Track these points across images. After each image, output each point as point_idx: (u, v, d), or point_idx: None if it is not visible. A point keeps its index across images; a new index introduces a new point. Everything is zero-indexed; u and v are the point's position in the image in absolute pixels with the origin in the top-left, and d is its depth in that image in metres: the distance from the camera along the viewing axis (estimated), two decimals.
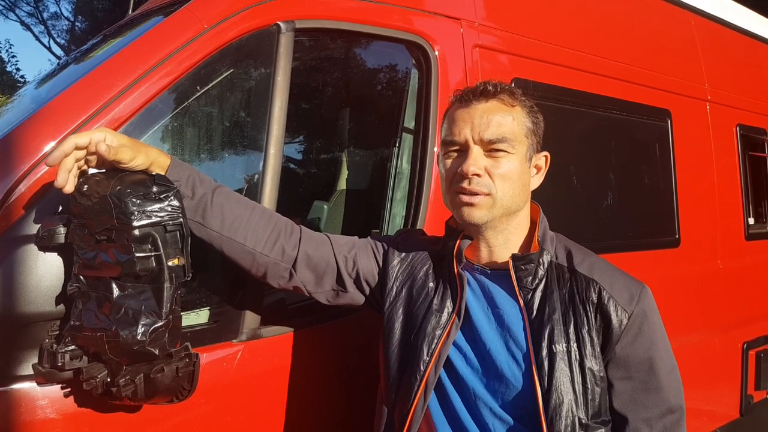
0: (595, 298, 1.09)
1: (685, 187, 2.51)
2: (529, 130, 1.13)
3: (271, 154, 1.40)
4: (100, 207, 0.98)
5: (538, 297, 1.10)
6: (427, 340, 1.12)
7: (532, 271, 1.11)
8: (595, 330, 1.07)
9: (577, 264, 1.13)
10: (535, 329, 1.07)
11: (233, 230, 1.17)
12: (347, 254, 1.26)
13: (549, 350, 1.05)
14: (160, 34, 1.36)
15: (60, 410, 1.10)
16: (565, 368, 1.04)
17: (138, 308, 0.98)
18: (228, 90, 1.45)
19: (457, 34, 1.81)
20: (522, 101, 1.13)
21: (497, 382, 1.08)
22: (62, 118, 1.19)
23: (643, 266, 2.28)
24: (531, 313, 1.09)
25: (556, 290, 1.10)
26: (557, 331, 1.06)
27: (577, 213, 2.12)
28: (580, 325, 1.07)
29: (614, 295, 1.08)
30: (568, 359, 1.05)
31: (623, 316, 1.07)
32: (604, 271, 1.13)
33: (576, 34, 2.21)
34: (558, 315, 1.08)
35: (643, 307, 1.09)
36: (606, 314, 1.08)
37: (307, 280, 1.25)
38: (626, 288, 1.10)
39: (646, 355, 1.08)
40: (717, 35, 2.96)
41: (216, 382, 1.28)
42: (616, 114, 2.28)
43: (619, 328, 1.07)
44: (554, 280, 1.12)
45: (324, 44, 1.74)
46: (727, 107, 2.83)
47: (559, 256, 1.16)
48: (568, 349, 1.05)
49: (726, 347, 2.66)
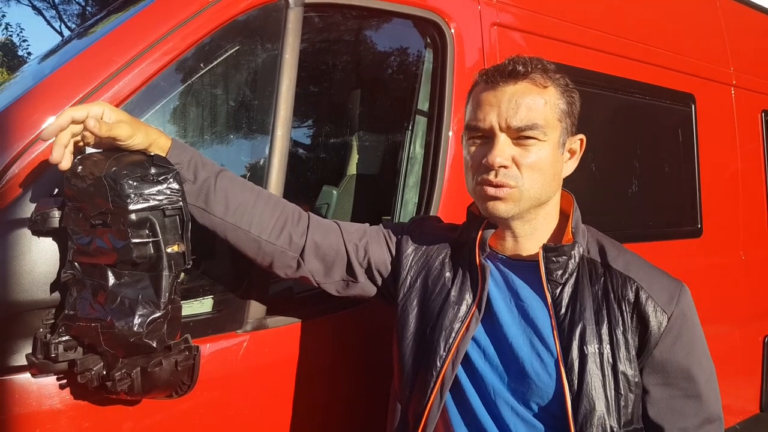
0: (632, 297, 1.00)
1: (708, 175, 2.42)
2: (564, 112, 1.03)
3: (278, 136, 1.33)
4: (95, 189, 0.92)
5: (567, 293, 1.02)
6: (444, 334, 1.04)
7: (563, 264, 1.02)
8: (630, 332, 0.99)
9: (611, 259, 1.05)
10: (564, 327, 0.99)
11: (237, 216, 1.10)
12: (358, 242, 1.19)
13: (580, 351, 0.96)
14: (162, 8, 1.28)
15: (55, 402, 1.05)
16: (597, 371, 0.96)
17: (135, 297, 0.92)
18: (233, 68, 1.38)
19: (474, 11, 1.72)
20: (556, 80, 1.03)
21: (520, 381, 1.00)
22: (56, 96, 1.12)
23: (664, 256, 2.20)
24: (559, 309, 1.01)
25: (588, 286, 1.02)
26: (589, 330, 0.98)
27: (595, 200, 2.04)
28: (614, 325, 0.99)
29: (653, 294, 1.00)
30: (600, 362, 0.96)
31: (662, 318, 0.99)
32: (641, 268, 1.04)
33: (598, 13, 2.12)
34: (590, 313, 0.99)
35: (683, 308, 1.01)
36: (643, 315, 0.99)
37: (316, 269, 1.18)
38: (665, 287, 1.01)
39: (686, 360, 1.00)
40: (743, 17, 2.85)
41: (220, 374, 1.23)
42: (638, 98, 2.19)
43: (658, 331, 0.98)
44: (585, 275, 1.03)
45: (334, 21, 1.66)
46: (752, 92, 2.73)
47: (591, 250, 1.07)
48: (601, 351, 0.97)
49: (747, 340, 2.58)
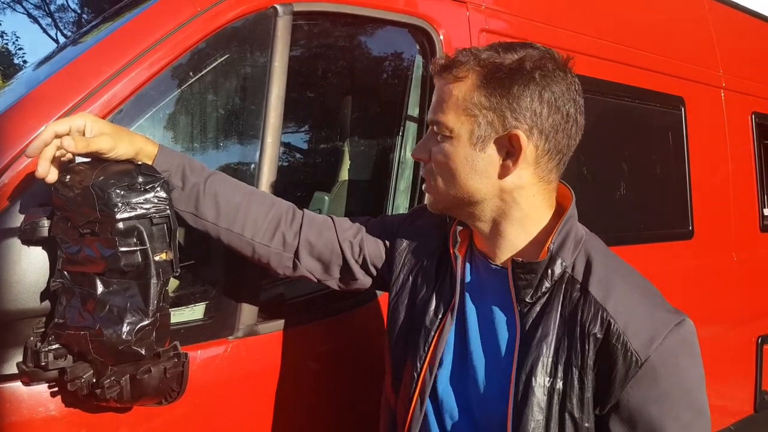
0: (600, 334, 0.84)
1: (699, 177, 2.43)
2: (481, 106, 0.88)
3: (268, 143, 1.34)
4: (83, 198, 0.93)
5: (535, 313, 0.90)
6: (422, 336, 1.00)
7: (532, 282, 0.89)
8: (589, 372, 0.85)
9: (593, 283, 0.88)
10: (523, 351, 0.89)
11: (229, 220, 1.09)
12: (353, 239, 1.16)
13: (528, 382, 0.86)
14: (151, 18, 1.29)
15: (47, 410, 1.06)
16: (542, 408, 0.85)
17: (123, 306, 0.92)
18: (223, 76, 1.39)
19: (462, 17, 1.74)
20: (478, 70, 0.88)
21: (476, 400, 0.93)
22: (47, 104, 1.13)
23: (655, 259, 2.22)
24: (524, 330, 0.90)
25: (557, 310, 0.88)
26: (543, 361, 0.86)
27: (586, 204, 2.05)
28: (572, 361, 0.85)
29: (627, 333, 0.83)
30: (548, 398, 0.85)
31: (633, 362, 0.82)
32: (625, 298, 0.87)
33: (586, 18, 2.14)
34: (550, 342, 0.87)
35: (668, 353, 0.83)
36: (610, 356, 0.84)
37: (313, 268, 1.17)
38: (647, 327, 0.84)
39: (659, 414, 0.83)
40: (731, 20, 2.87)
41: (211, 381, 1.23)
42: (627, 101, 2.21)
43: (625, 376, 0.83)
44: (560, 296, 0.89)
45: (323, 28, 1.68)
46: (742, 94, 2.75)
47: (576, 267, 0.91)
48: (553, 386, 0.85)
49: (740, 342, 2.59)
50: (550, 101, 0.87)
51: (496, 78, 0.87)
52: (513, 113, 0.87)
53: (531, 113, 0.87)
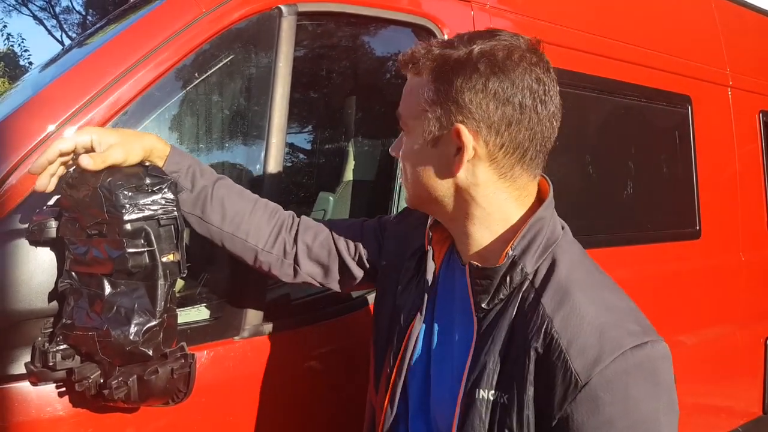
0: (541, 348, 0.77)
1: (706, 177, 2.42)
2: (431, 101, 0.84)
3: (272, 143, 1.34)
4: (91, 200, 0.93)
5: (489, 321, 0.84)
6: (397, 336, 0.98)
7: (489, 289, 0.84)
8: (529, 388, 0.77)
9: (548, 292, 0.80)
10: (474, 360, 0.83)
11: (234, 226, 1.10)
12: (349, 241, 1.16)
13: (471, 394, 0.82)
14: (156, 19, 1.30)
15: (55, 410, 1.06)
16: (482, 421, 0.80)
17: (131, 306, 0.93)
18: (228, 77, 1.39)
19: (467, 17, 1.73)
20: (430, 65, 0.84)
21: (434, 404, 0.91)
22: (53, 106, 1.13)
23: (663, 259, 2.20)
24: (479, 337, 0.85)
25: (510, 319, 0.82)
26: (488, 373, 0.81)
27: (592, 203, 2.05)
28: (514, 374, 0.79)
29: (570, 351, 0.75)
30: (489, 412, 0.80)
31: (573, 382, 0.73)
32: (576, 311, 0.78)
33: (592, 17, 2.13)
34: (498, 353, 0.81)
35: (615, 376, 0.73)
36: (549, 373, 0.76)
37: (314, 272, 1.17)
38: (596, 345, 0.74)
39: None
40: (739, 17, 2.85)
41: (217, 381, 1.23)
42: (634, 100, 2.20)
43: (564, 397, 0.74)
44: (515, 304, 0.83)
45: (328, 28, 1.68)
46: (749, 93, 2.73)
47: (539, 272, 0.83)
48: (496, 400, 0.80)
49: (748, 342, 2.57)
50: (497, 93, 0.80)
51: (443, 72, 0.83)
52: (458, 108, 0.82)
53: (476, 107, 0.81)
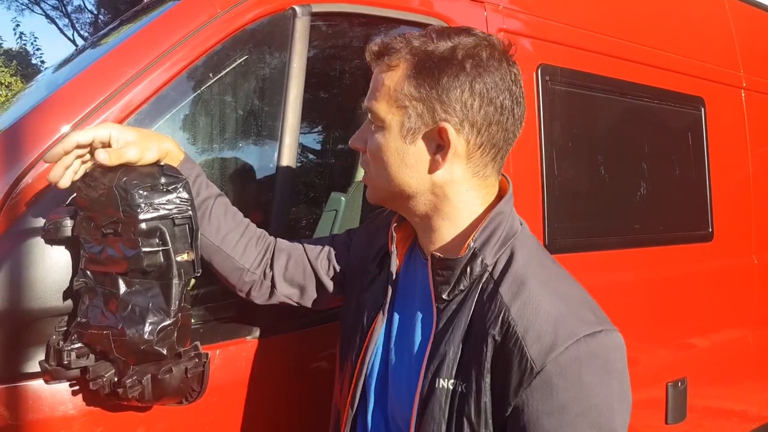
0: (498, 336, 0.79)
1: (719, 179, 2.40)
2: (410, 96, 0.83)
3: (286, 144, 1.34)
4: (106, 199, 0.94)
5: (450, 311, 0.86)
6: (359, 336, 0.98)
7: (450, 279, 0.85)
8: (486, 375, 0.79)
9: (505, 282, 0.82)
10: (433, 351, 0.85)
11: (227, 243, 1.10)
12: (321, 256, 1.15)
13: (432, 383, 0.82)
14: (171, 20, 1.31)
15: (68, 408, 1.07)
16: (442, 410, 0.81)
17: (145, 306, 0.93)
18: (242, 77, 1.40)
19: (480, 17, 1.73)
20: (409, 59, 0.84)
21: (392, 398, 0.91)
22: (69, 106, 1.14)
23: (674, 261, 2.19)
24: (438, 328, 0.86)
25: (470, 309, 0.84)
26: (447, 362, 0.82)
27: (604, 205, 2.03)
28: (473, 362, 0.80)
29: (525, 338, 0.76)
30: (450, 401, 0.81)
31: (528, 368, 0.75)
32: (533, 300, 0.80)
33: (605, 17, 2.11)
34: (457, 342, 0.82)
35: (567, 362, 0.75)
36: (505, 360, 0.77)
37: (290, 293, 1.17)
38: (551, 333, 0.76)
39: (555, 429, 0.75)
40: (753, 19, 2.82)
41: (230, 381, 1.24)
42: (647, 102, 2.18)
43: (519, 384, 0.76)
44: (475, 295, 0.84)
45: (341, 29, 1.68)
46: (763, 95, 2.70)
47: (497, 264, 0.85)
48: (455, 389, 0.81)
49: (760, 345, 2.55)
50: (482, 93, 0.82)
51: (426, 68, 0.82)
52: (442, 105, 0.82)
53: (461, 105, 0.82)
